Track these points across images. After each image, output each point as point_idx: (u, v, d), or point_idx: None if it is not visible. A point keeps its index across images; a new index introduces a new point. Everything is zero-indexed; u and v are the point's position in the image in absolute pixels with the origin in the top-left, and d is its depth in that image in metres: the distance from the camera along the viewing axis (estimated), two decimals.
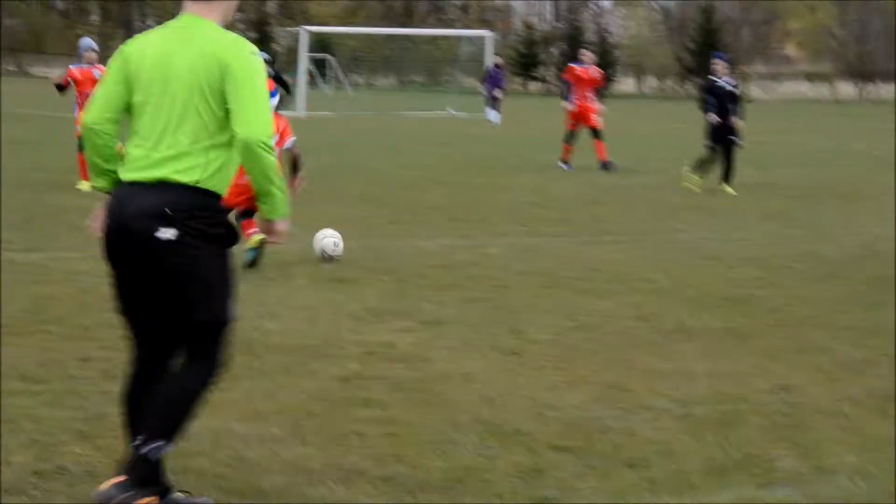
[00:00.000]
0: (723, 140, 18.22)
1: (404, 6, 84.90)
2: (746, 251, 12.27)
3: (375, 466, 5.43)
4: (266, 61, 17.63)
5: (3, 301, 8.62)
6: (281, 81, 15.24)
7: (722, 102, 18.39)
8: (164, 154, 4.57)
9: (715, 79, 18.75)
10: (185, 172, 4.54)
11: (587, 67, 22.56)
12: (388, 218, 14.09)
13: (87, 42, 16.95)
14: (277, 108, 11.14)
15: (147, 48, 4.70)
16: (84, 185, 14.77)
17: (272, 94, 11.07)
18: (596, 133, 21.99)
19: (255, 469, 5.36)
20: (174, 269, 4.57)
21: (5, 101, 35.90)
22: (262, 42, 76.56)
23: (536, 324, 8.50)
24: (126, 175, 4.63)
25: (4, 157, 19.09)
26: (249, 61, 4.58)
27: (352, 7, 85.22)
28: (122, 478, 4.68)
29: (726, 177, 18.14)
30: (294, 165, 10.74)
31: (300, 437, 5.80)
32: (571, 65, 23.26)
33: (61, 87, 16.23)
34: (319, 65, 56.50)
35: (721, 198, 17.37)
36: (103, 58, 15.98)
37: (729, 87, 18.58)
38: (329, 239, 10.82)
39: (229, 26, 4.78)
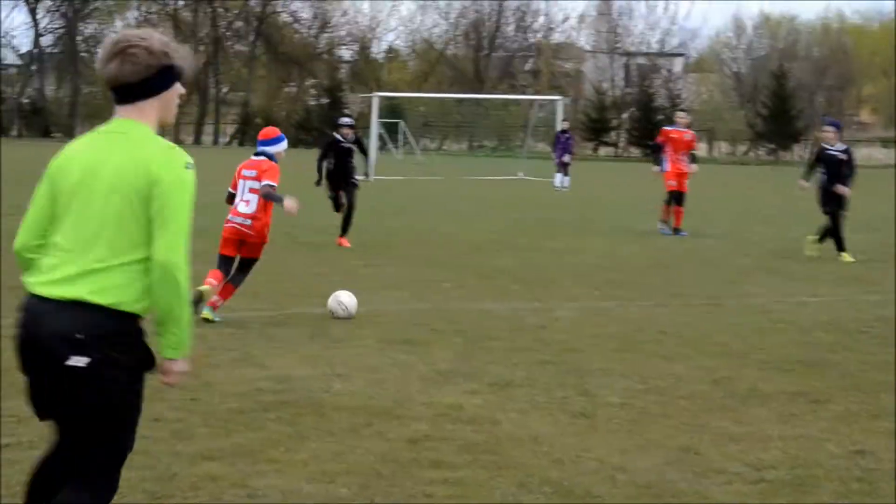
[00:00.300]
0: (830, 206, 17.95)
1: (475, 72, 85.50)
2: (820, 315, 12.12)
3: None
4: (348, 125, 18.84)
5: None
6: (360, 145, 16.40)
7: (831, 170, 18.13)
8: (81, 268, 4.17)
9: (826, 146, 18.49)
10: (103, 293, 4.13)
11: (682, 130, 22.12)
12: (456, 281, 14.09)
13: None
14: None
15: (73, 156, 4.34)
16: None
17: (278, 140, 11.29)
18: (680, 198, 21.76)
19: None
20: (83, 398, 4.18)
21: None
22: (334, 107, 77.53)
23: (607, 387, 8.44)
24: (39, 288, 4.24)
25: None
26: (180, 176, 4.18)
27: (423, 73, 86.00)
28: None
29: (839, 245, 17.83)
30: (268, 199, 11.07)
31: (368, 498, 5.78)
32: (665, 127, 22.89)
33: None
34: (391, 129, 56.97)
35: (795, 261, 17.20)
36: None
37: (840, 155, 18.28)
38: (336, 302, 11.03)
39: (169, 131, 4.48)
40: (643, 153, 75.35)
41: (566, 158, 37.40)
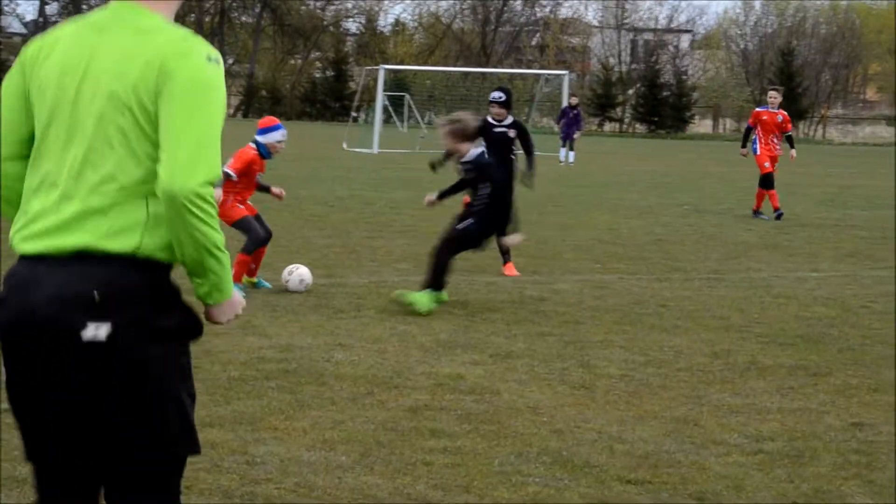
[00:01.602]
0: None
1: (481, 46, 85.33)
2: (822, 290, 12.14)
3: (443, 496, 5.43)
4: (498, 101, 12.33)
5: None
6: (522, 133, 12.60)
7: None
8: (81, 206, 3.06)
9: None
10: (116, 236, 3.05)
11: (773, 111, 20.59)
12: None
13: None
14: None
15: (54, 50, 3.22)
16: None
17: (270, 129, 11.06)
18: (771, 182, 20.26)
19: (323, 496, 5.38)
20: (107, 385, 3.06)
21: None
22: (339, 79, 77.37)
23: (607, 359, 8.46)
24: (26, 245, 3.10)
25: None
26: (201, 70, 3.09)
27: (429, 46, 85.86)
28: None
29: None
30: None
31: (368, 466, 5.82)
32: (757, 109, 21.24)
33: None
34: (396, 103, 56.89)
35: (796, 237, 17.20)
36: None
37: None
38: (295, 276, 10.89)
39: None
40: (648, 129, 75.28)
41: (575, 135, 37.35)
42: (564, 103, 40.66)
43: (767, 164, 20.22)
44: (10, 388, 3.14)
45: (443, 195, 10.98)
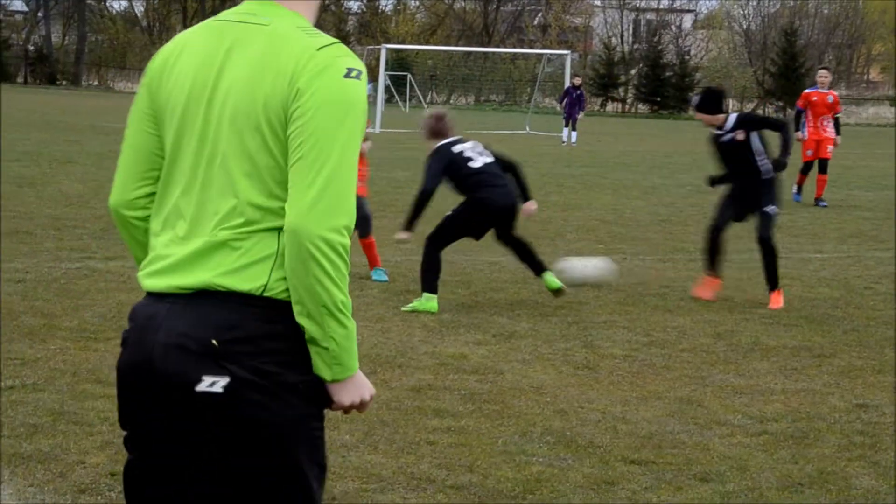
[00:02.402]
0: None
1: (483, 26, 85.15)
2: (826, 271, 12.12)
3: (446, 475, 5.43)
4: (697, 105, 10.48)
5: (84, 307, 8.75)
6: (761, 124, 10.47)
7: None
8: (206, 240, 2.69)
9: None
10: (242, 272, 2.66)
11: (824, 92, 19.70)
12: None
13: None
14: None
15: (179, 60, 2.81)
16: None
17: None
18: (823, 165, 19.51)
19: (328, 475, 5.37)
20: (220, 445, 2.69)
21: (90, 115, 36.49)
22: None
23: (610, 339, 8.46)
24: (149, 281, 2.77)
25: (90, 169, 19.42)
26: (338, 90, 2.64)
27: (431, 26, 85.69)
28: None
29: None
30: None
31: (372, 445, 5.81)
32: (807, 90, 20.21)
33: None
34: (398, 82, 56.80)
35: (800, 217, 17.17)
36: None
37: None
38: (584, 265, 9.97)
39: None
40: (651, 110, 75.11)
41: (579, 115, 37.24)
42: (567, 83, 40.56)
43: (810, 153, 19.44)
44: (121, 420, 2.85)
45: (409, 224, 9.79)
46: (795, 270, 12.08)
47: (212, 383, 2.59)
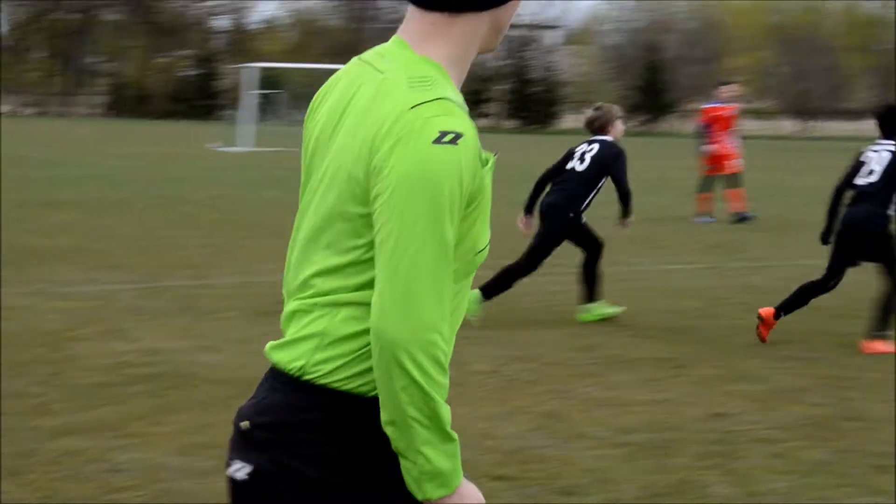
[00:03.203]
0: None
1: (351, 43, 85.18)
2: (688, 282, 12.35)
3: None
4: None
5: None
6: None
7: None
8: (288, 309, 2.43)
9: None
10: (287, 347, 2.37)
11: (727, 105, 19.40)
12: None
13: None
14: None
15: (327, 98, 2.45)
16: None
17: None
18: (731, 180, 19.29)
19: (186, 501, 5.30)
20: None
21: None
22: (209, 77, 76.56)
23: (478, 354, 8.49)
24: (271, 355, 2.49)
25: None
26: (422, 163, 2.15)
27: (299, 44, 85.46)
28: None
29: None
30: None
31: None
32: (705, 105, 19.94)
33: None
34: (270, 100, 56.50)
35: (663, 229, 17.48)
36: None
37: None
38: None
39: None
40: (519, 125, 75.82)
41: None
42: None
43: (710, 168, 19.24)
44: None
45: None
46: (658, 282, 12.29)
47: (238, 469, 2.36)
